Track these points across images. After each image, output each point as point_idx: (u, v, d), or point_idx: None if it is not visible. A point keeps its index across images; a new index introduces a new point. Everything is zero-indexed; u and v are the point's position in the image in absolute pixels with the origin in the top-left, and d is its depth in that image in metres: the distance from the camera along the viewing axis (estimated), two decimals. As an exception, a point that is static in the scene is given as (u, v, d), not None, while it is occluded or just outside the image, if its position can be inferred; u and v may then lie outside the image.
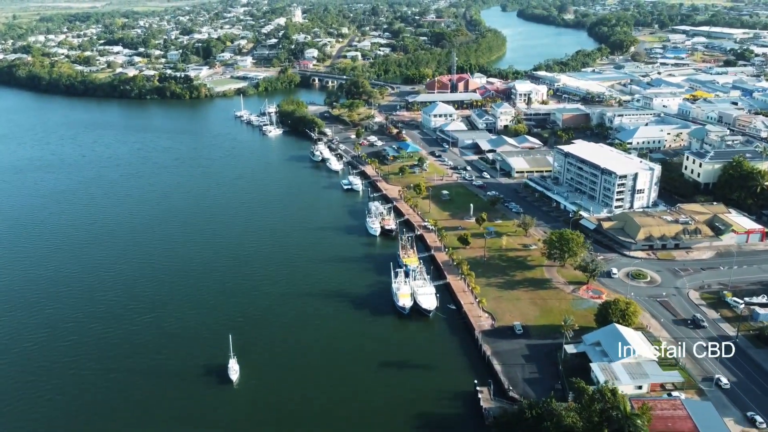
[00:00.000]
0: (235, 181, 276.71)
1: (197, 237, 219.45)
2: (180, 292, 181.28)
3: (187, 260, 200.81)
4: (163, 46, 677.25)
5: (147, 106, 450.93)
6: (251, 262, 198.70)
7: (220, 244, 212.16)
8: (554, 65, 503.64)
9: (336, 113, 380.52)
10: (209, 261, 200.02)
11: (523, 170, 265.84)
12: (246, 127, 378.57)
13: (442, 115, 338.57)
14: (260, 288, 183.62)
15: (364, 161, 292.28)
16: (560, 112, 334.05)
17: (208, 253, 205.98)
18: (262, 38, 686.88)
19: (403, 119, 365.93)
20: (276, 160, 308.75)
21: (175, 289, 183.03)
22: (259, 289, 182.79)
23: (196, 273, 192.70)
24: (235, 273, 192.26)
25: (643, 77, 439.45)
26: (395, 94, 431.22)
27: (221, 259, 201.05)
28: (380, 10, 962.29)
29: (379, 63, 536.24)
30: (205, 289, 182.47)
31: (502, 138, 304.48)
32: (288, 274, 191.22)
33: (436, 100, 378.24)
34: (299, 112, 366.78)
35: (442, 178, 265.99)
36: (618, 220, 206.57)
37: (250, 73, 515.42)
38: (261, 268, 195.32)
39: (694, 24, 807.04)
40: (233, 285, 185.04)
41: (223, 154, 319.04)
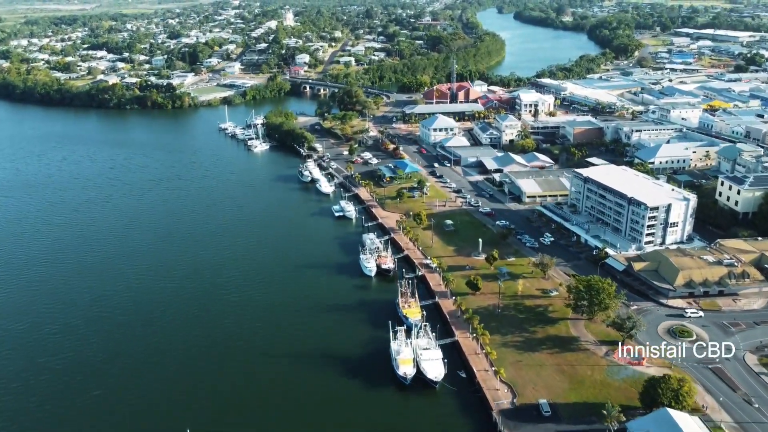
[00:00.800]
0: (212, 208, 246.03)
1: (162, 280, 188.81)
2: (132, 359, 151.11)
3: (146, 312, 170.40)
4: (148, 50, 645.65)
5: (126, 117, 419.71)
6: (223, 315, 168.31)
7: (187, 291, 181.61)
8: (558, 71, 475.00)
9: (327, 126, 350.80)
10: (174, 312, 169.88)
11: (535, 194, 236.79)
12: (230, 141, 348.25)
13: (442, 130, 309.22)
14: (232, 346, 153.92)
15: (358, 183, 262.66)
16: (571, 125, 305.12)
17: (174, 301, 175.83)
18: (251, 43, 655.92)
19: (400, 132, 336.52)
20: (260, 182, 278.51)
21: (125, 354, 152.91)
22: (231, 348, 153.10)
23: (157, 328, 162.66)
24: (203, 329, 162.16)
25: (654, 85, 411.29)
26: (391, 104, 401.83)
27: (188, 311, 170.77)
28: (374, 12, 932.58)
29: (374, 69, 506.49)
30: (166, 353, 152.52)
31: (509, 156, 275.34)
32: (268, 330, 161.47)
33: (435, 111, 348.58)
34: (287, 125, 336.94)
35: (445, 203, 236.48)
36: (651, 260, 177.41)
37: (238, 81, 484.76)
38: (235, 322, 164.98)
39: (697, 26, 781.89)
40: (200, 347, 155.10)
41: (203, 174, 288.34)
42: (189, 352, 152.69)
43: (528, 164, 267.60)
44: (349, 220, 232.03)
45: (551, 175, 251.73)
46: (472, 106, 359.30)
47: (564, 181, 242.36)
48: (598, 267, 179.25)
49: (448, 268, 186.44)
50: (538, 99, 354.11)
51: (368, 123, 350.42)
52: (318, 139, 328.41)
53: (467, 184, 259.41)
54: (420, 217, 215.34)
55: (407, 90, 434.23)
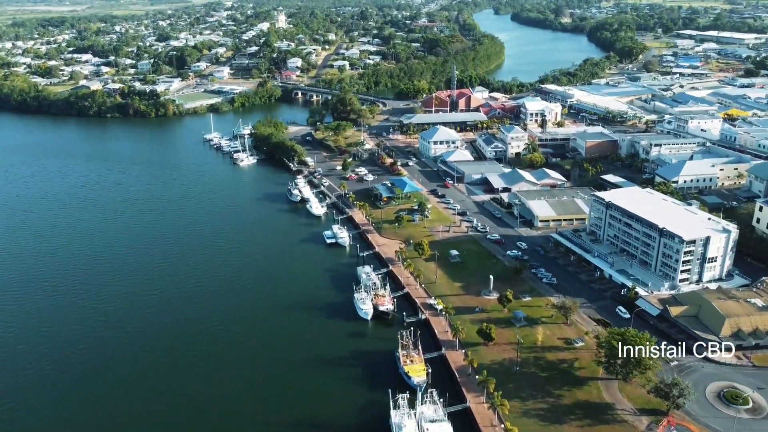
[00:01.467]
0: (190, 235, 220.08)
1: (123, 322, 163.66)
2: (91, 414, 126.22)
3: (103, 367, 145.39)
4: (135, 54, 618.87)
5: (106, 127, 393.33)
6: (191, 374, 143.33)
7: (151, 341, 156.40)
8: (562, 76, 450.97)
9: (320, 137, 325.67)
10: (135, 368, 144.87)
11: (549, 219, 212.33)
12: (215, 154, 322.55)
13: (443, 142, 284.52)
14: (202, 413, 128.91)
15: (352, 203, 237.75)
16: (582, 137, 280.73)
17: (136, 355, 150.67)
18: (242, 46, 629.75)
19: (398, 144, 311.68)
20: (245, 202, 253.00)
21: (83, 409, 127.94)
22: (202, 414, 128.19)
23: (116, 386, 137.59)
24: (169, 389, 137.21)
25: (665, 91, 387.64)
26: (387, 112, 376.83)
27: (151, 367, 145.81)
28: (369, 13, 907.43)
29: (369, 74, 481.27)
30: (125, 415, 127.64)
31: (517, 172, 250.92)
32: (244, 391, 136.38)
33: (435, 121, 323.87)
34: (276, 136, 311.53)
35: (449, 228, 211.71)
36: (690, 303, 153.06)
37: (226, 86, 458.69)
38: (205, 382, 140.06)
39: (699, 28, 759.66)
40: (166, 411, 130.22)
41: (182, 193, 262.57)
42: (156, 411, 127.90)
43: (538, 182, 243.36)
44: (342, 248, 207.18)
45: (564, 195, 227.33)
46: (474, 116, 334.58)
47: (579, 203, 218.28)
48: (627, 309, 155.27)
49: (456, 310, 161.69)
50: (544, 107, 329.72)
51: (363, 134, 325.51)
52: (309, 151, 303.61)
53: (472, 205, 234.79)
54: (422, 246, 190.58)
55: (404, 96, 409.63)
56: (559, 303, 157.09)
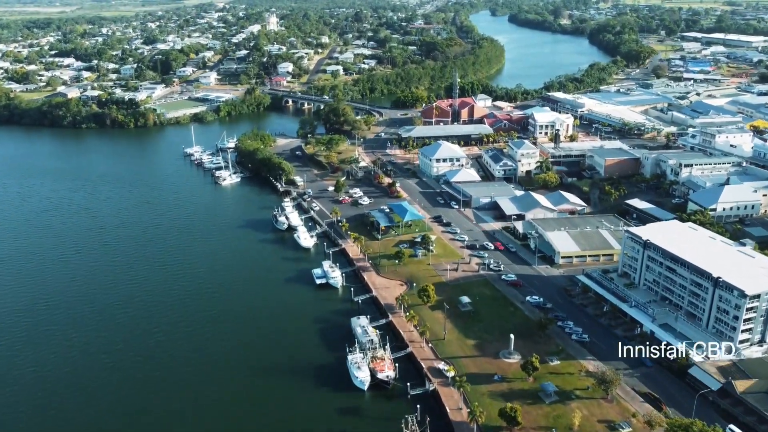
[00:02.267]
0: (157, 272, 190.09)
1: (69, 392, 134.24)
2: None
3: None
4: (119, 57, 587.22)
5: (81, 139, 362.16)
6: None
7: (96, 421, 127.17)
8: (568, 83, 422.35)
9: (310, 151, 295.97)
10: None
11: (572, 255, 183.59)
12: (195, 170, 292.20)
13: (446, 160, 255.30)
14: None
15: (346, 234, 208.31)
16: (601, 155, 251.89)
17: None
18: (231, 49, 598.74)
19: (395, 160, 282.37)
20: (225, 229, 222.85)
21: None
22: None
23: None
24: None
25: (681, 100, 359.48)
26: (383, 123, 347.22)
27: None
28: (364, 15, 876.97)
29: (364, 80, 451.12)
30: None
31: (530, 196, 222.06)
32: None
33: (436, 135, 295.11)
34: (263, 152, 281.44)
35: (457, 266, 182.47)
36: (760, 375, 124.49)
37: (212, 94, 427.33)
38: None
39: (702, 30, 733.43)
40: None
41: (155, 219, 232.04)
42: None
43: (555, 207, 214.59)
44: (333, 289, 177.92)
45: (587, 224, 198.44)
46: (478, 128, 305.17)
47: (605, 236, 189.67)
48: (678, 378, 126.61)
49: (470, 377, 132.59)
50: (554, 119, 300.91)
51: (358, 148, 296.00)
52: (298, 169, 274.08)
53: (482, 235, 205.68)
54: (427, 292, 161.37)
55: (402, 105, 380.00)
56: (598, 373, 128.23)
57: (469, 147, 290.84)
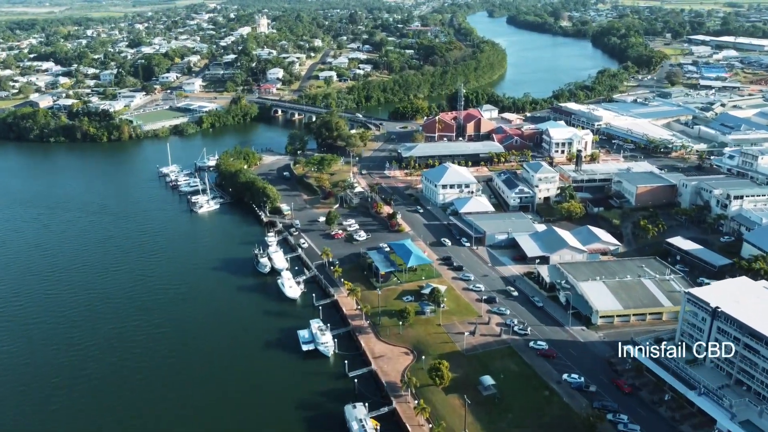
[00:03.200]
0: (107, 338, 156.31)
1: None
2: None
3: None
4: (100, 62, 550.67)
5: (48, 154, 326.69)
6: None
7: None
8: (578, 91, 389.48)
9: (300, 172, 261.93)
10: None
11: (612, 314, 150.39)
12: (170, 194, 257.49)
13: (454, 186, 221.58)
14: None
15: (339, 280, 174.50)
16: (630, 180, 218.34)
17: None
18: (219, 53, 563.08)
19: (396, 184, 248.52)
20: (198, 272, 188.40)
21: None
22: None
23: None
24: None
25: (705, 111, 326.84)
26: (381, 138, 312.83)
27: None
28: (358, 17, 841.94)
29: (359, 88, 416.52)
30: None
31: (554, 232, 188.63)
32: None
33: (440, 154, 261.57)
34: (245, 174, 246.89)
35: (474, 328, 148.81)
36: None
37: (195, 103, 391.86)
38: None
39: (709, 32, 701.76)
40: None
41: (117, 259, 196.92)
42: None
43: (584, 248, 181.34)
44: (323, 358, 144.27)
45: (625, 271, 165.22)
46: (487, 146, 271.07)
47: (650, 287, 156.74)
48: None
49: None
50: (572, 135, 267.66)
51: (353, 169, 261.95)
52: (286, 194, 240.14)
53: (500, 282, 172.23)
54: (440, 371, 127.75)
55: (401, 117, 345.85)
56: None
57: (477, 168, 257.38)
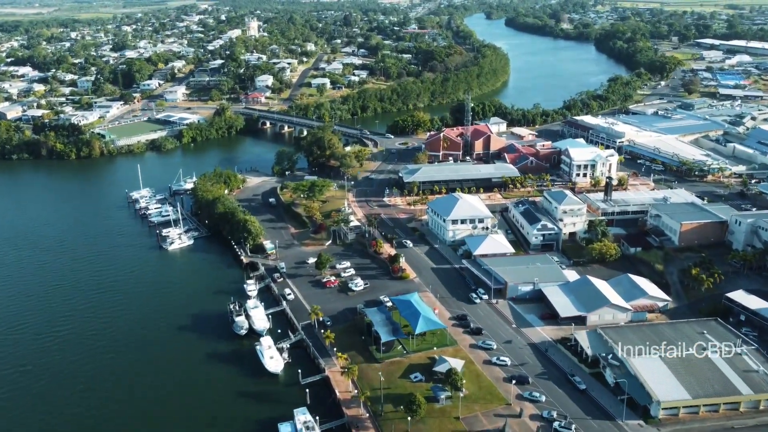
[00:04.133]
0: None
1: None
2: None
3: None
4: (80, 67, 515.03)
5: (9, 174, 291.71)
6: None
7: None
8: (591, 101, 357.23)
9: (287, 199, 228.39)
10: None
11: (678, 405, 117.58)
12: (139, 225, 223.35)
13: (466, 221, 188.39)
14: None
15: (331, 348, 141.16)
16: (670, 214, 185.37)
17: None
18: (205, 58, 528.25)
19: (397, 214, 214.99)
20: (160, 333, 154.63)
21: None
22: None
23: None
24: None
25: (734, 125, 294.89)
26: (379, 156, 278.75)
27: None
28: (353, 19, 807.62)
29: (354, 97, 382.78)
30: None
31: (589, 283, 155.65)
32: None
33: (447, 178, 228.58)
34: (224, 203, 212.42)
35: (504, 426, 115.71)
36: None
37: (176, 114, 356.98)
38: None
39: (717, 36, 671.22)
40: None
41: (64, 315, 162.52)
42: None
43: (628, 305, 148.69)
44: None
45: (686, 340, 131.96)
46: (501, 169, 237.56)
47: (721, 367, 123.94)
48: None
49: None
50: (595, 156, 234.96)
51: (348, 196, 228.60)
52: (271, 226, 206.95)
53: (528, 351, 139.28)
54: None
55: (401, 131, 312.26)
56: None
57: (489, 194, 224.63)
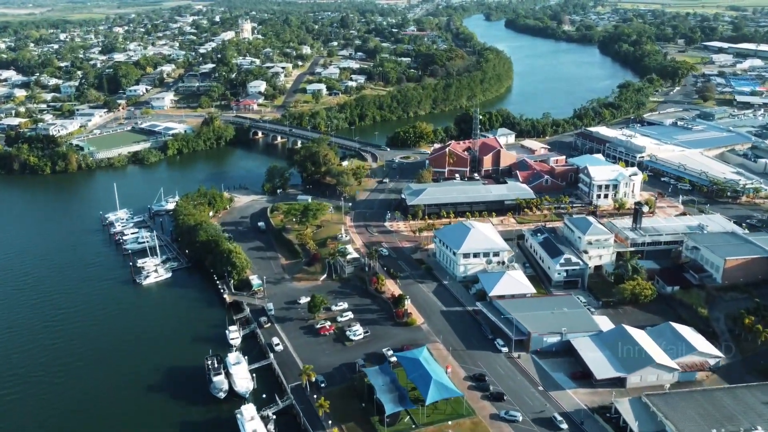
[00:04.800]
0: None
1: None
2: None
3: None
4: (65, 71, 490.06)
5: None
6: None
7: None
8: (603, 109, 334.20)
9: (278, 223, 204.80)
10: None
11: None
12: (113, 253, 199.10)
13: (479, 255, 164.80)
14: None
15: (326, 420, 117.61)
16: (713, 248, 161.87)
17: None
18: (196, 61, 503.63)
19: (400, 243, 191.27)
20: (126, 395, 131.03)
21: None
22: None
23: None
24: None
25: (761, 137, 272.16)
26: (379, 171, 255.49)
27: None
28: (350, 20, 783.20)
29: (352, 105, 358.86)
30: None
31: (625, 334, 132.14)
32: None
33: (455, 201, 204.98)
34: (206, 230, 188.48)
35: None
36: None
37: (161, 124, 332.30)
38: None
39: (723, 38, 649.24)
40: None
41: (11, 373, 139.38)
42: None
43: (675, 363, 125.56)
44: None
45: (749, 415, 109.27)
46: (514, 190, 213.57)
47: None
48: None
49: None
50: (617, 175, 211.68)
51: (346, 219, 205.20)
52: (259, 255, 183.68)
53: (557, 418, 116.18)
54: None
55: (402, 143, 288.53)
56: None
57: (502, 218, 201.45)
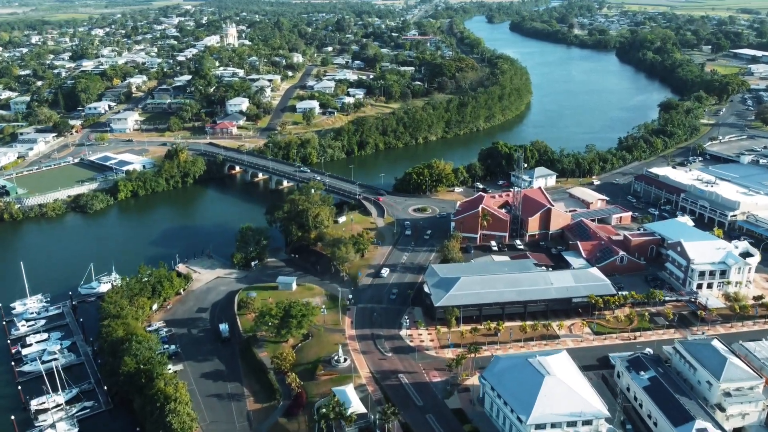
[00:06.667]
0: None
1: None
2: None
3: None
4: (23, 82, 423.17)
5: None
6: None
7: None
8: (653, 137, 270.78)
9: (248, 327, 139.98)
10: None
11: None
12: (4, 381, 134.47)
13: (561, 425, 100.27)
14: None
15: None
16: None
17: None
18: (171, 71, 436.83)
19: (424, 373, 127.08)
20: None
21: None
22: None
23: None
24: None
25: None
26: (387, 233, 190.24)
27: None
28: (347, 23, 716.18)
29: (350, 132, 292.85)
30: None
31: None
32: None
33: (503, 301, 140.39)
34: (138, 350, 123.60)
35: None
36: None
37: (115, 157, 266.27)
38: None
39: (752, 45, 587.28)
40: None
41: None
42: None
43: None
44: None
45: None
46: (585, 280, 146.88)
47: None
48: None
49: None
50: (724, 257, 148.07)
51: (346, 325, 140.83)
52: (215, 392, 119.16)
53: None
54: None
55: (414, 187, 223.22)
56: None
57: (571, 323, 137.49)
